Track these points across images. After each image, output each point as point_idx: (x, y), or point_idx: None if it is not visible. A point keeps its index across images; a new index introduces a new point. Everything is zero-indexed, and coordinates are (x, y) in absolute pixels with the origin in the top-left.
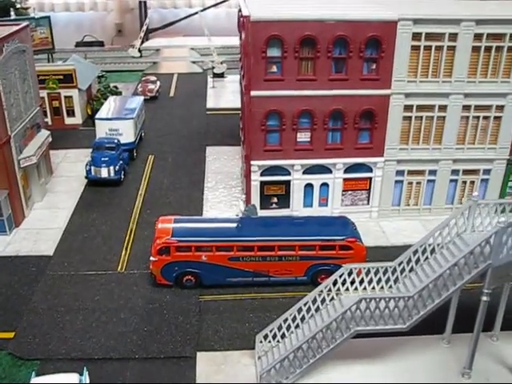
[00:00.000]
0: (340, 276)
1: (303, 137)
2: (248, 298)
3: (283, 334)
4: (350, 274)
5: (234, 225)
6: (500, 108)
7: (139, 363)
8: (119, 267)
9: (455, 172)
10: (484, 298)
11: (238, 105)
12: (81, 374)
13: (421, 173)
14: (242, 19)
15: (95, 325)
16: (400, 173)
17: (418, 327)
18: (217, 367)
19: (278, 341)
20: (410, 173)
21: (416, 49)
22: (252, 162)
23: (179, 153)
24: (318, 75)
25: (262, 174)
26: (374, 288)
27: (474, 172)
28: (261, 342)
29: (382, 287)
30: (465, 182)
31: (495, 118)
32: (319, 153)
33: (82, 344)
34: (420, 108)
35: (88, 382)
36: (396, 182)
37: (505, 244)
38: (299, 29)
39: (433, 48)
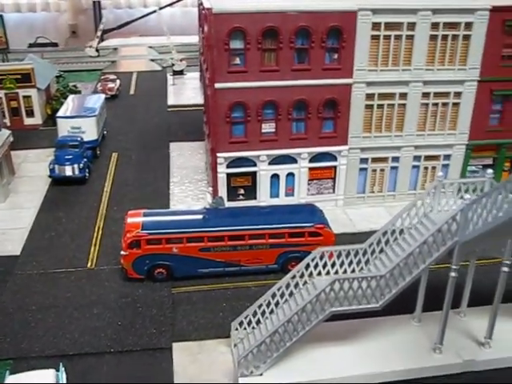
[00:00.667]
0: (312, 260)
1: (268, 128)
2: (220, 289)
3: (258, 320)
4: (321, 257)
5: (204, 216)
6: (458, 95)
7: (115, 357)
8: (89, 264)
9: (417, 158)
10: (452, 274)
11: (199, 101)
12: (57, 370)
13: (384, 160)
14: (203, 12)
15: (68, 321)
16: (364, 160)
17: (390, 308)
18: (193, 357)
19: (254, 327)
20: (374, 160)
21: (376, 38)
22: (218, 155)
23: (143, 150)
24: (281, 66)
25: (228, 166)
26: (345, 271)
27: (435, 158)
28: (236, 329)
29: (354, 270)
30: (426, 168)
31: (454, 104)
32: (284, 143)
33: (56, 341)
34: (381, 96)
35: (65, 377)
36: (360, 169)
37: (470, 220)
38: (261, 20)
39: (392, 37)
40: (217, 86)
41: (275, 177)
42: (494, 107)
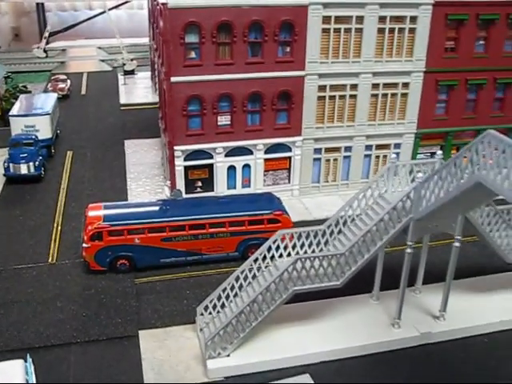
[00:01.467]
0: (273, 242)
1: (224, 120)
2: (183, 277)
3: (223, 304)
4: (282, 240)
5: (164, 206)
6: (406, 85)
7: (82, 347)
8: (50, 259)
9: (369, 147)
10: (408, 251)
11: (151, 100)
12: (25, 361)
13: (337, 150)
14: (158, 7)
15: (32, 315)
16: (318, 151)
17: (349, 288)
18: (160, 343)
19: (219, 311)
20: (327, 150)
21: (326, 31)
22: (175, 148)
23: (98, 148)
24: (235, 59)
25: (185, 159)
26: (306, 252)
27: (386, 146)
28: (201, 314)
29: (314, 251)
30: (378, 157)
31: (402, 94)
32: (240, 135)
33: (21, 335)
34: (333, 88)
35: (33, 368)
36: (314, 159)
37: (423, 198)
38: (216, 15)
39: (342, 30)
40: (173, 79)
41: (232, 168)
42: (440, 97)
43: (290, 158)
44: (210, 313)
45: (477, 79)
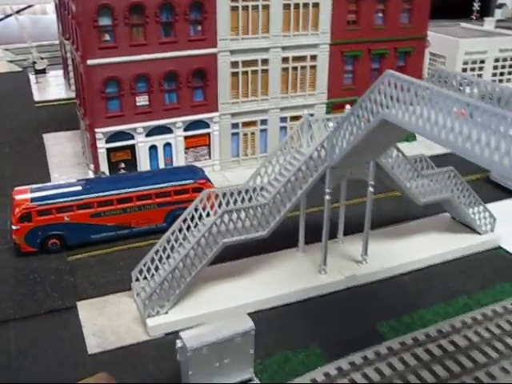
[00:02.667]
0: (200, 201)
1: (142, 100)
2: (115, 251)
3: (157, 266)
4: (208, 199)
5: (91, 184)
6: (314, 58)
7: (20, 323)
8: None
9: (283, 119)
10: (327, 197)
11: (65, 96)
12: None
13: (253, 123)
14: None
15: None
16: (235, 125)
17: (276, 245)
18: (99, 311)
19: (153, 274)
20: (244, 124)
21: (235, 9)
22: (96, 130)
23: (16, 143)
24: (148, 40)
25: (107, 141)
26: None
27: (300, 118)
28: (137, 279)
29: None
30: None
31: (311, 67)
32: (159, 114)
33: None
34: (245, 63)
35: None
36: (232, 134)
37: (336, 145)
38: None
39: (250, 7)
40: (89, 62)
41: (154, 148)
42: (347, 67)
43: (209, 134)
44: (145, 277)
45: (379, 49)
